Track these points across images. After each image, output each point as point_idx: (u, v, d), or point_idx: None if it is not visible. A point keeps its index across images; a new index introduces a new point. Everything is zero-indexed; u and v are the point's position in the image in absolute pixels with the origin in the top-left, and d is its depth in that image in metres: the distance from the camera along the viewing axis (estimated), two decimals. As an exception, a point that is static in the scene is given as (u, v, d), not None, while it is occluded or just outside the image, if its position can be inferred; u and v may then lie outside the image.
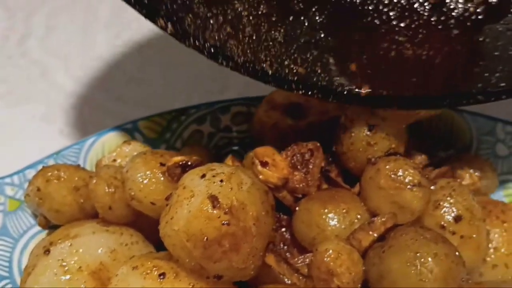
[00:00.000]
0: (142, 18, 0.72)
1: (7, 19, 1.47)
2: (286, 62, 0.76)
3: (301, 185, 0.74)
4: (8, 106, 1.24)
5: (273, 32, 0.78)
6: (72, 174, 0.77)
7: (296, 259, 0.71)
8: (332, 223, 0.69)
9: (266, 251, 0.65)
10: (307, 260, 0.69)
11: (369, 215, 0.70)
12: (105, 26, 1.50)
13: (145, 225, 0.76)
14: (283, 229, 0.76)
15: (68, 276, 0.68)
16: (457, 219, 0.68)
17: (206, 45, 0.71)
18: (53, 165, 0.79)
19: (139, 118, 0.95)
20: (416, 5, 0.82)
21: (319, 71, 0.76)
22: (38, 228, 0.82)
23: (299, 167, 0.75)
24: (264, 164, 0.73)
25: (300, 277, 0.65)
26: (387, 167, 0.69)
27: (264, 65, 0.74)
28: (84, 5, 1.51)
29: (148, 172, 0.70)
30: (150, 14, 0.70)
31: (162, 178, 0.70)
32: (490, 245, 0.74)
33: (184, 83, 1.28)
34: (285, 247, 0.75)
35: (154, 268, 0.62)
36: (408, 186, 0.67)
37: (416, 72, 0.77)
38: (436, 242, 0.60)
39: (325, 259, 0.64)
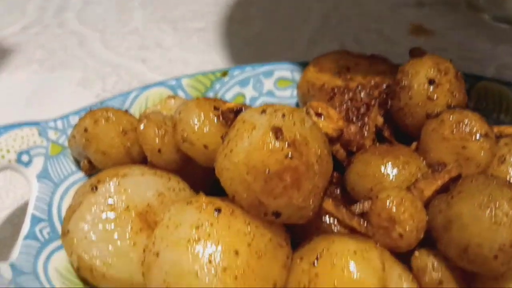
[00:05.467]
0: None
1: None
2: None
3: (356, 138, 0.72)
4: (46, 71, 1.24)
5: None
6: (121, 116, 0.75)
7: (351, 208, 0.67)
8: (392, 174, 0.66)
9: (325, 195, 0.62)
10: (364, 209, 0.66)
11: (431, 169, 0.67)
12: (140, 4, 1.50)
13: (191, 175, 0.74)
14: (333, 186, 0.74)
15: (115, 215, 0.66)
16: (523, 175, 0.65)
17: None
18: (100, 108, 0.77)
19: (184, 75, 0.93)
20: None
21: None
22: (79, 175, 0.79)
23: (354, 120, 0.73)
24: (318, 115, 0.71)
25: (361, 223, 0.62)
26: (452, 117, 0.66)
27: None
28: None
29: (202, 114, 0.68)
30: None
31: (216, 121, 0.68)
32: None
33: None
34: (336, 202, 0.72)
35: (210, 204, 0.60)
36: (475, 137, 0.64)
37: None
38: (510, 187, 0.56)
39: (387, 205, 0.61)
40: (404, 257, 0.63)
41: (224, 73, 0.95)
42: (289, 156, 0.56)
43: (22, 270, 0.64)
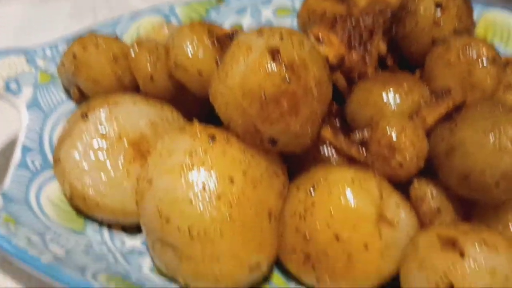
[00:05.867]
0: None
1: None
2: None
3: (357, 65, 0.68)
4: (36, 3, 1.18)
5: None
6: (111, 43, 0.72)
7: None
8: (394, 102, 0.63)
9: (323, 122, 0.60)
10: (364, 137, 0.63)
11: (435, 96, 0.64)
12: None
13: (185, 104, 0.72)
14: (332, 117, 0.71)
15: (106, 143, 0.64)
16: (530, 104, 0.63)
17: None
18: (90, 34, 0.73)
19: (178, 2, 0.89)
20: None
21: None
22: (70, 105, 0.77)
23: (356, 47, 0.69)
24: (319, 41, 0.67)
25: (359, 151, 0.60)
26: (459, 42, 0.62)
27: None
28: None
29: (196, 39, 0.64)
30: None
31: (211, 47, 0.64)
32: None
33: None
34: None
35: (204, 131, 0.58)
36: (482, 62, 0.61)
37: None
38: (516, 112, 0.54)
39: (388, 133, 0.59)
40: (403, 187, 0.61)
41: (220, 0, 0.90)
42: (287, 79, 0.54)
43: (13, 198, 0.63)
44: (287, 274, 0.64)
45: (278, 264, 0.64)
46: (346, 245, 0.56)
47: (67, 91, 0.77)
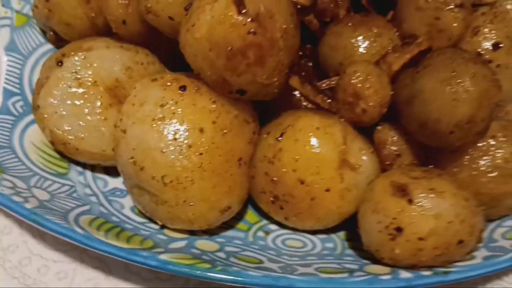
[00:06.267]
0: None
1: None
2: None
3: (330, 7, 0.68)
4: None
5: None
6: (82, -17, 0.71)
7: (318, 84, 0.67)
8: (362, 46, 0.65)
9: (291, 71, 0.61)
10: (331, 84, 0.65)
11: (402, 40, 0.65)
12: None
13: (160, 48, 0.72)
14: (306, 59, 0.72)
15: (83, 90, 0.66)
16: (496, 46, 0.64)
17: None
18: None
19: None
20: None
21: None
22: (48, 46, 0.78)
23: (329, -13, 0.69)
24: (292, -18, 0.67)
25: (325, 98, 0.62)
26: (429, -15, 0.62)
27: None
28: None
29: (166, -18, 0.64)
30: None
31: (181, -10, 0.64)
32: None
33: None
34: (307, 76, 0.71)
35: (175, 81, 0.60)
36: (449, 6, 0.61)
37: None
38: (475, 62, 0.56)
39: (353, 80, 0.61)
40: (369, 132, 0.65)
41: None
42: (252, 31, 0.54)
43: (-3, 144, 0.66)
44: (260, 211, 0.69)
45: (252, 202, 0.68)
46: (310, 188, 0.61)
47: (44, 32, 0.77)
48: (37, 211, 0.57)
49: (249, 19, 0.54)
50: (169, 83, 0.59)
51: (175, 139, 0.57)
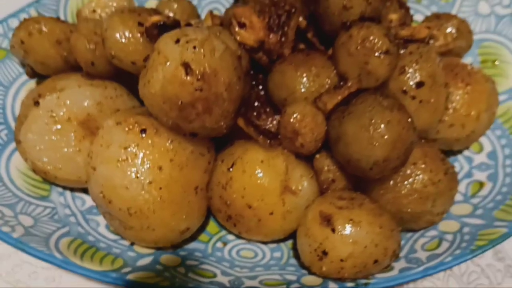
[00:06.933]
0: None
1: None
2: None
3: (276, 47, 0.77)
4: None
5: None
6: (53, 27, 0.78)
7: (268, 120, 0.76)
8: (303, 86, 0.73)
9: (238, 113, 0.70)
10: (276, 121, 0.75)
11: (338, 79, 0.73)
12: None
13: (128, 79, 0.80)
14: (260, 87, 0.81)
15: (58, 126, 0.75)
16: (419, 84, 0.72)
17: None
18: (33, 17, 0.80)
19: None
20: None
21: None
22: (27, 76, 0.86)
23: (275, 29, 0.77)
24: (241, 25, 0.74)
25: (265, 139, 0.72)
26: (359, 33, 0.70)
27: None
28: None
29: (126, 32, 0.71)
30: None
31: (141, 39, 0.72)
32: (450, 106, 0.80)
33: None
34: (259, 104, 0.80)
35: (136, 124, 0.69)
36: (376, 53, 0.69)
37: None
38: (392, 109, 0.65)
39: (292, 120, 0.70)
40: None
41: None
42: (199, 88, 0.63)
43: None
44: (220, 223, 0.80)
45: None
46: (256, 211, 0.71)
47: (23, 65, 0.85)
48: (22, 239, 0.67)
49: (195, 79, 0.63)
50: (131, 126, 0.69)
51: (137, 177, 0.67)
